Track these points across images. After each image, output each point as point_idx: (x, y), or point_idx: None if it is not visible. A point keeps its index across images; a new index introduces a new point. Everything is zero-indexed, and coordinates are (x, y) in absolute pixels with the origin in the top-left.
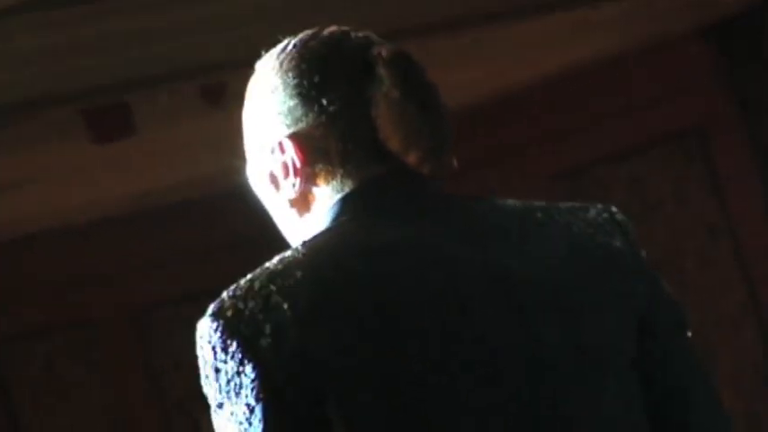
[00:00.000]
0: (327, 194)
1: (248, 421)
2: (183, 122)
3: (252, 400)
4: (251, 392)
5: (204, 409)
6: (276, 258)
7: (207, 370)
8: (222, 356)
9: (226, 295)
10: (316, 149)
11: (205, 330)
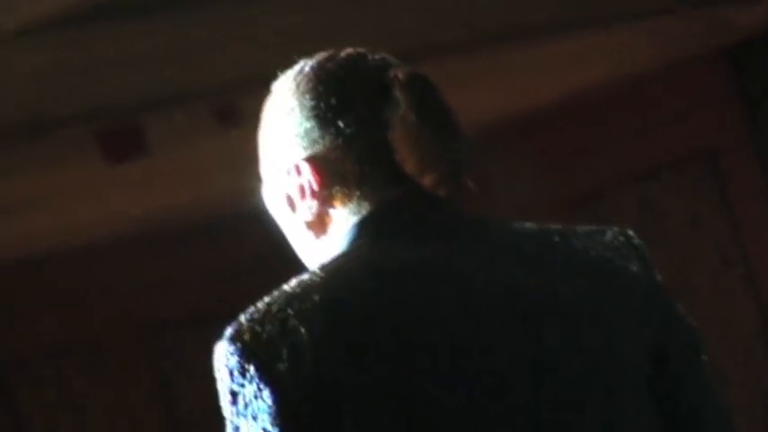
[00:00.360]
0: (344, 217)
1: None
2: (196, 143)
3: (269, 425)
4: (268, 417)
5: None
6: (294, 281)
7: (225, 393)
8: (240, 380)
9: (243, 318)
10: (332, 172)
11: (222, 354)
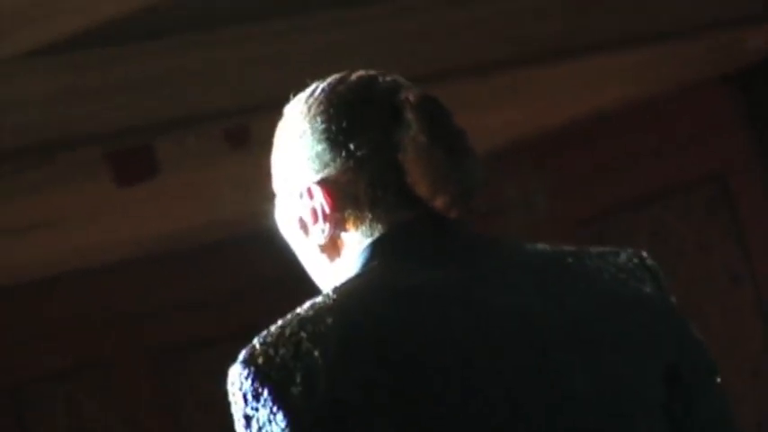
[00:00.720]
0: (357, 240)
1: None
2: (207, 165)
3: None
4: None
5: None
6: (307, 304)
7: (239, 417)
8: (254, 404)
9: (257, 342)
10: (344, 195)
11: (236, 377)
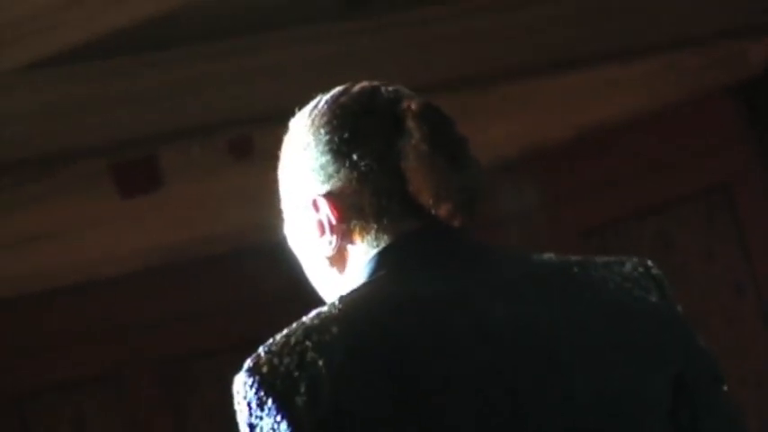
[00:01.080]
0: (363, 251)
1: None
2: (210, 176)
3: None
4: None
5: None
6: (313, 313)
7: (243, 425)
8: (258, 413)
9: (262, 350)
10: (350, 206)
11: (241, 386)
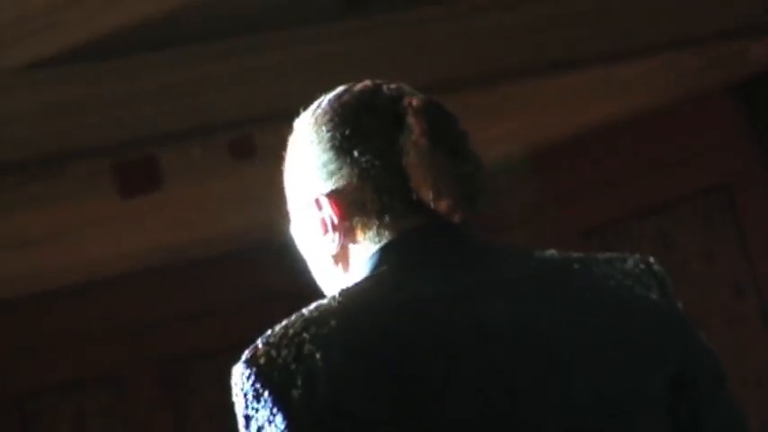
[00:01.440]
0: (365, 247)
1: None
2: (211, 177)
3: None
4: None
5: None
6: (314, 305)
7: (240, 416)
8: (254, 404)
9: (260, 341)
10: (351, 203)
11: (238, 377)
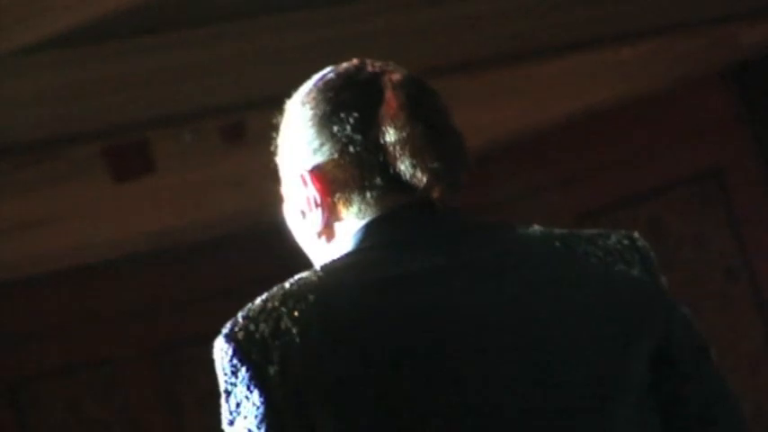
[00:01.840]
0: (349, 223)
1: None
2: (203, 161)
3: (254, 427)
4: (254, 420)
5: None
6: (295, 278)
7: (221, 388)
8: (232, 380)
9: (240, 315)
10: (333, 179)
11: (218, 351)
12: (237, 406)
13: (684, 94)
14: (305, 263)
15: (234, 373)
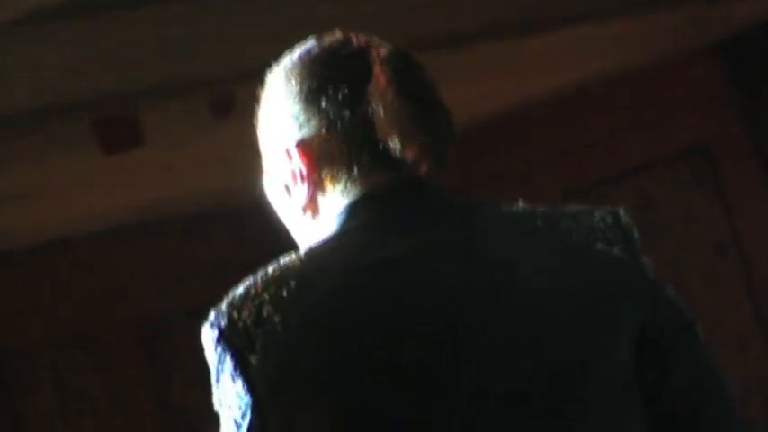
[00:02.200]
0: (335, 200)
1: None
2: (191, 134)
3: (238, 415)
4: (238, 410)
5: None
6: (278, 261)
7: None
8: (219, 366)
9: (225, 301)
10: (320, 155)
11: (204, 339)
12: (224, 394)
13: (674, 68)
14: (293, 237)
15: (219, 361)
